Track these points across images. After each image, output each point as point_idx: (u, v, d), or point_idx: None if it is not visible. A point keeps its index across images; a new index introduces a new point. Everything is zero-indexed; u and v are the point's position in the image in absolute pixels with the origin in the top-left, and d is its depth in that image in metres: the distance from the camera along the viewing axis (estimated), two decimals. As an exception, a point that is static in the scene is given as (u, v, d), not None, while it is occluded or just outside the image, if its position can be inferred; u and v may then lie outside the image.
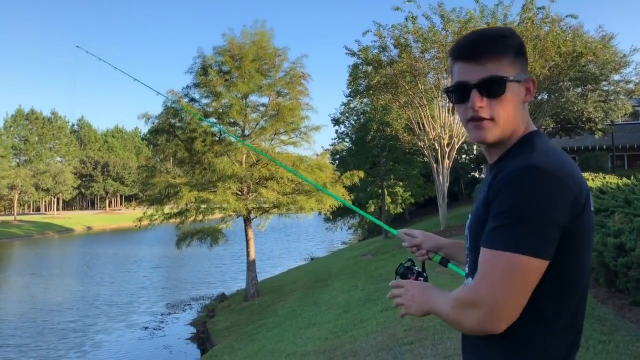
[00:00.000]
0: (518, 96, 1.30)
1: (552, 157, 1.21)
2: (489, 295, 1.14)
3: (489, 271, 1.15)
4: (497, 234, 1.15)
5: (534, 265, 1.12)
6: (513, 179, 1.16)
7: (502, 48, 1.29)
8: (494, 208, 1.17)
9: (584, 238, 1.22)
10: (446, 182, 18.63)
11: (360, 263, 16.65)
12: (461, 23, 16.75)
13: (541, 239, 1.12)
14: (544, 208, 1.12)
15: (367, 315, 8.43)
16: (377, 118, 21.97)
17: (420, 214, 35.80)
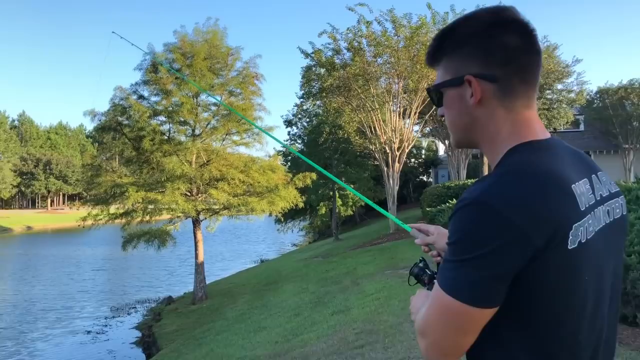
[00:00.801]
0: (458, 101, 1.15)
1: (517, 184, 1.01)
2: (431, 331, 1.07)
3: (432, 307, 1.07)
4: (442, 267, 1.06)
5: (468, 312, 0.99)
6: (458, 213, 1.02)
7: (436, 51, 1.19)
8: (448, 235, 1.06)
9: (553, 282, 1.01)
10: (396, 185, 18.85)
11: (311, 265, 16.61)
12: (412, 29, 16.99)
13: (477, 286, 0.98)
14: (481, 251, 0.96)
15: (318, 319, 8.38)
16: (330, 121, 22.04)
17: (370, 216, 36.11)
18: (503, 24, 1.10)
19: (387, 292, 8.78)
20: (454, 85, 1.15)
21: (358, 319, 7.40)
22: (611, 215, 1.14)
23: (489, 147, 1.16)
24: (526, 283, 1.00)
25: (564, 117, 24.95)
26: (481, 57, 1.10)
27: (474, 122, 1.15)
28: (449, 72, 1.16)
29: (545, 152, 1.09)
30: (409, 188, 36.10)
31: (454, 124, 1.20)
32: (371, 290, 9.31)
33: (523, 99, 1.12)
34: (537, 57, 1.12)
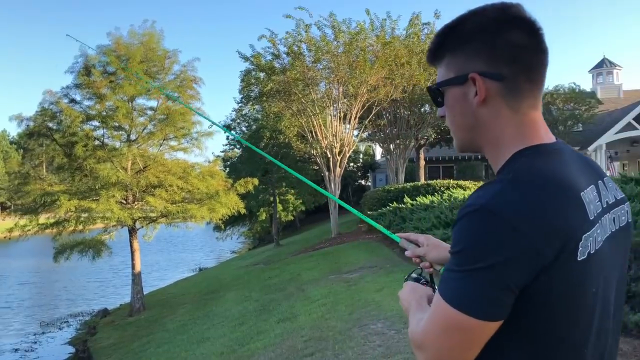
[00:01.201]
0: (461, 100, 1.09)
1: (525, 191, 0.96)
2: (433, 345, 1.00)
3: (433, 319, 1.00)
4: (445, 277, 0.99)
5: (473, 325, 0.94)
6: (463, 220, 0.97)
7: (438, 49, 1.13)
8: (451, 244, 1.00)
9: (561, 295, 0.96)
10: (338, 189, 18.93)
11: (253, 273, 16.37)
12: (352, 34, 17.14)
13: (483, 298, 0.93)
14: (488, 262, 0.91)
15: (264, 327, 8.22)
16: (270, 125, 21.88)
17: (311, 221, 36.18)
18: (510, 20, 1.05)
19: (333, 298, 8.72)
20: (457, 83, 1.09)
21: (305, 326, 7.30)
22: (617, 223, 1.10)
23: (492, 150, 1.10)
24: (533, 296, 0.94)
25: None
26: (487, 54, 1.05)
27: (478, 123, 1.09)
28: (451, 69, 1.10)
29: (554, 157, 1.04)
30: (348, 192, 36.35)
31: (456, 124, 1.14)
32: (317, 296, 9.23)
33: (529, 99, 1.07)
34: (543, 56, 1.07)
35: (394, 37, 17.90)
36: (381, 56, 16.99)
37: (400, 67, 17.57)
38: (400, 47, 17.56)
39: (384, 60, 17.00)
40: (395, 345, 5.45)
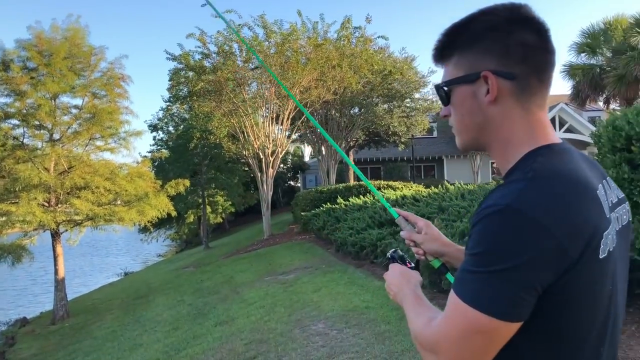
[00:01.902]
0: (470, 99, 1.09)
1: (547, 189, 0.96)
2: (448, 347, 0.98)
3: (452, 321, 0.98)
4: (464, 279, 0.98)
5: (496, 326, 0.93)
6: (485, 220, 0.95)
7: (446, 47, 1.13)
8: (469, 245, 0.99)
9: (582, 294, 0.97)
10: (270, 190, 18.84)
11: (183, 276, 15.99)
12: (283, 35, 17.12)
13: (507, 299, 0.92)
14: (514, 262, 0.91)
15: (201, 331, 8.04)
16: (199, 125, 21.47)
17: (240, 222, 35.80)
18: (521, 20, 1.06)
19: (270, 300, 8.67)
20: (467, 81, 1.09)
21: (245, 329, 7.21)
22: (620, 222, 1.11)
23: (501, 149, 1.10)
24: (555, 295, 0.94)
25: (420, 124, 26.63)
26: (499, 53, 1.05)
27: (487, 122, 1.09)
28: (461, 68, 1.10)
29: (567, 157, 1.06)
30: (279, 193, 36.32)
31: (463, 123, 1.14)
32: (254, 299, 9.14)
33: (538, 98, 1.09)
34: (552, 56, 1.09)
35: (326, 40, 18.04)
36: (313, 58, 17.09)
37: (332, 69, 17.73)
38: (332, 50, 17.73)
39: (316, 62, 17.10)
40: (339, 346, 5.49)
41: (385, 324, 5.97)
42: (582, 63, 18.39)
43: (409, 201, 10.87)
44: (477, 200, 8.46)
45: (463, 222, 7.18)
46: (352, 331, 5.92)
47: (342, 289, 8.18)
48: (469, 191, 9.60)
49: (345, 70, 18.09)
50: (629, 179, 4.23)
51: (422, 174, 35.22)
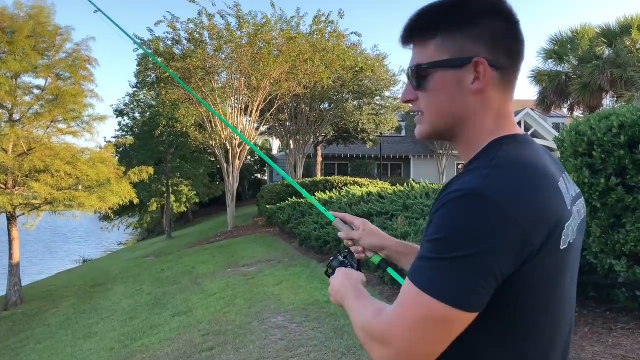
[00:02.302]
0: (453, 85, 1.03)
1: (512, 177, 0.94)
2: (403, 339, 0.92)
3: (406, 310, 0.93)
4: (421, 267, 0.93)
5: (453, 316, 0.89)
6: (449, 205, 0.91)
7: (427, 26, 1.05)
8: (429, 231, 0.94)
9: (542, 285, 0.96)
10: (236, 182, 18.70)
11: (143, 265, 15.74)
12: (256, 26, 16.98)
13: (467, 287, 0.88)
14: (476, 249, 0.87)
15: (158, 321, 7.92)
16: (166, 113, 21.13)
17: (204, 213, 35.49)
18: (505, 10, 1.04)
19: (231, 292, 8.60)
20: (455, 65, 1.02)
21: (203, 320, 7.13)
22: (579, 216, 1.10)
23: (469, 139, 1.06)
24: (513, 285, 0.92)
25: (389, 122, 26.80)
26: (490, 41, 1.02)
27: (464, 110, 1.04)
28: (446, 51, 1.03)
29: (530, 147, 1.04)
30: (245, 186, 36.09)
31: (438, 110, 1.06)
32: (214, 290, 9.06)
33: (512, 90, 1.07)
34: (524, 49, 1.08)
35: (299, 33, 17.95)
36: (285, 50, 16.99)
37: (304, 63, 17.67)
38: (305, 44, 17.66)
39: (288, 54, 17.01)
40: (298, 339, 5.47)
41: (345, 318, 5.97)
42: (549, 70, 18.75)
43: (374, 198, 10.92)
44: (441, 200, 8.55)
45: (427, 220, 7.23)
46: (312, 325, 5.91)
47: (304, 283, 8.17)
48: (434, 190, 9.69)
49: (317, 65, 18.05)
50: (589, 183, 4.32)
51: (389, 172, 35.48)
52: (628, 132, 4.20)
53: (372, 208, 9.55)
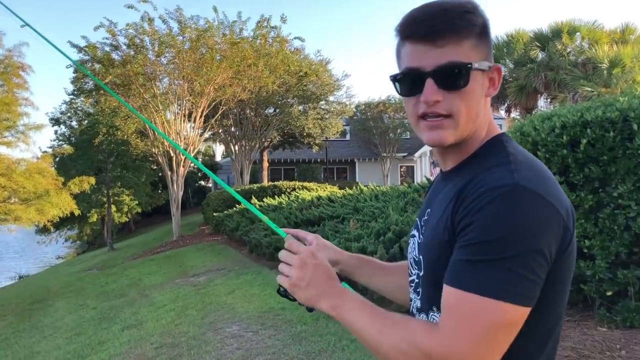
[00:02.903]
0: (482, 88, 1.04)
1: (536, 171, 0.95)
2: (471, 354, 0.88)
3: (472, 321, 0.88)
4: (475, 272, 0.89)
5: (519, 315, 0.88)
6: (496, 201, 0.88)
7: (465, 26, 1.01)
8: (468, 235, 0.90)
9: (569, 269, 0.98)
10: (181, 190, 18.31)
11: (86, 279, 15.16)
12: (199, 31, 16.73)
13: (530, 282, 0.88)
14: (535, 243, 0.87)
15: (107, 336, 7.64)
16: (105, 121, 20.46)
17: (147, 223, 34.58)
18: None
19: (182, 302, 8.40)
20: (486, 69, 1.04)
21: (154, 333, 6.92)
22: None
23: (472, 141, 1.07)
24: (557, 274, 0.94)
25: (334, 126, 26.99)
26: (490, 50, 1.08)
27: (480, 113, 1.05)
28: (478, 53, 1.03)
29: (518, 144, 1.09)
30: (188, 193, 35.43)
31: (469, 112, 1.03)
32: (163, 302, 8.82)
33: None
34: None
35: (242, 38, 17.81)
36: (229, 55, 16.81)
37: (248, 68, 17.54)
38: (248, 49, 17.53)
39: (232, 60, 16.84)
40: (255, 347, 5.40)
41: (302, 324, 5.94)
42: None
43: (324, 202, 10.93)
44: (390, 202, 8.64)
45: (378, 223, 7.30)
46: (268, 332, 5.84)
47: (257, 291, 8.07)
48: (383, 192, 9.80)
49: (261, 70, 17.95)
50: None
51: (335, 175, 35.72)
52: (570, 132, 4.37)
53: (323, 212, 9.56)
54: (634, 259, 4.18)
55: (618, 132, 4.08)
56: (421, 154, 32.41)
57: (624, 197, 4.10)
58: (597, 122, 4.20)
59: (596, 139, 4.17)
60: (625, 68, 15.30)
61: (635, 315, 4.17)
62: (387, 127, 32.34)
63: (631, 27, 18.05)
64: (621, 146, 4.07)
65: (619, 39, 17.15)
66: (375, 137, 32.55)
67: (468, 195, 0.94)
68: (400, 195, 8.89)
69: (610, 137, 4.09)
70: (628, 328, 4.22)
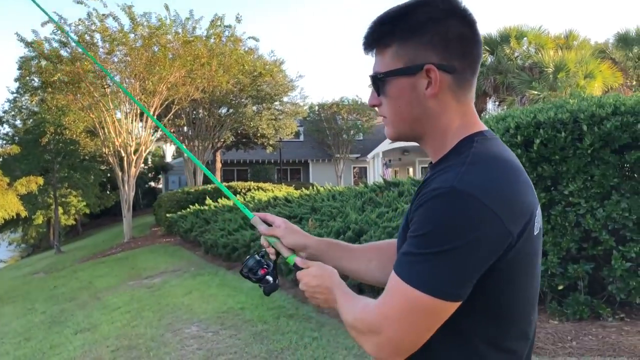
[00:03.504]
0: (409, 91, 1.08)
1: (488, 173, 0.99)
2: (391, 327, 0.99)
3: (394, 302, 1.00)
4: (407, 261, 0.99)
5: (439, 306, 0.96)
6: (430, 202, 0.97)
7: (378, 39, 1.11)
8: (411, 228, 1.00)
9: (521, 270, 1.03)
10: (132, 191, 17.90)
11: (33, 282, 14.65)
12: (151, 29, 16.42)
13: (451, 279, 0.95)
14: (459, 243, 0.93)
15: (59, 340, 7.41)
16: (52, 119, 19.77)
17: (95, 225, 33.61)
18: (457, 13, 1.08)
19: (136, 304, 8.25)
20: (408, 73, 1.08)
21: (110, 336, 6.78)
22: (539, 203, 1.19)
23: (436, 139, 1.12)
24: (497, 273, 0.99)
25: (289, 127, 26.98)
26: (441, 46, 1.06)
27: (425, 114, 1.10)
28: (400, 59, 1.08)
29: (497, 142, 1.11)
30: (139, 194, 34.65)
31: (400, 115, 1.12)
32: (118, 304, 8.63)
33: (471, 91, 1.13)
34: (481, 48, 1.14)
35: (195, 37, 17.58)
36: (182, 54, 16.57)
37: (201, 67, 17.33)
38: (202, 48, 17.33)
39: (185, 58, 16.61)
40: (216, 348, 5.37)
41: (262, 323, 5.95)
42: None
43: (281, 202, 10.94)
44: (347, 201, 8.74)
45: (337, 222, 7.37)
46: (229, 332, 5.83)
47: (215, 291, 8.02)
48: (340, 192, 9.89)
49: (214, 69, 17.78)
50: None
51: (289, 176, 35.68)
52: (524, 132, 4.56)
53: (281, 212, 9.57)
54: (583, 254, 4.39)
55: (569, 132, 4.28)
56: (374, 155, 32.79)
57: (574, 195, 4.30)
58: (549, 122, 4.39)
59: (548, 139, 4.36)
60: (570, 72, 15.96)
61: (585, 308, 4.38)
62: (341, 129, 32.55)
63: (574, 34, 18.87)
64: (572, 146, 4.28)
65: (564, 45, 17.89)
66: (329, 138, 32.71)
67: (421, 192, 1.03)
68: (357, 195, 8.99)
69: (562, 138, 4.28)
70: (578, 320, 4.43)
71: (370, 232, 6.58)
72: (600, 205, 4.22)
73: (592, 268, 4.32)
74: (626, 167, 4.30)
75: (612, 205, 4.14)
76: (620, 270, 4.12)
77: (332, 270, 1.30)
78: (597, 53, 18.48)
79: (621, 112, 4.17)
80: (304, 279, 1.31)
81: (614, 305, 4.45)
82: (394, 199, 7.70)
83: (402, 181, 8.82)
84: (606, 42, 21.46)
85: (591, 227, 4.20)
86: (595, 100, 4.54)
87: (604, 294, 4.44)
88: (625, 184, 4.22)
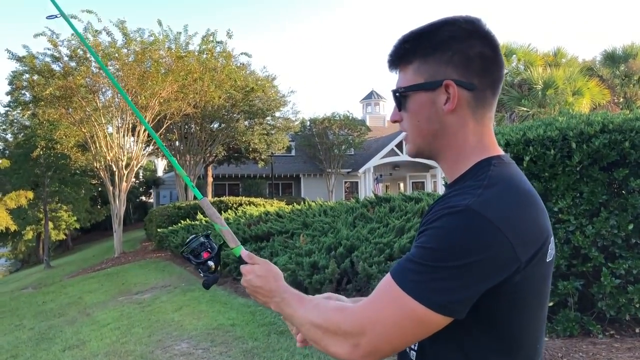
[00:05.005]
0: (428, 106, 1.10)
1: (504, 197, 1.00)
2: (375, 330, 0.99)
3: (386, 308, 0.99)
4: (408, 268, 0.99)
5: (430, 317, 0.96)
6: (445, 218, 0.98)
7: (402, 55, 1.14)
8: (420, 239, 1.01)
9: (528, 295, 1.03)
10: (123, 205, 17.82)
11: (21, 298, 14.48)
12: (144, 44, 16.47)
13: (449, 293, 0.95)
14: (466, 262, 0.94)
15: (47, 358, 7.32)
16: (44, 134, 19.70)
17: (85, 240, 33.42)
18: (480, 34, 1.10)
19: (126, 321, 8.18)
20: (428, 89, 1.10)
21: (99, 353, 6.70)
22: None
23: (452, 157, 1.13)
24: (502, 297, 0.99)
25: (280, 142, 27.02)
26: (462, 64, 1.08)
27: (443, 130, 1.11)
28: (421, 75, 1.11)
29: (515, 167, 1.11)
30: (129, 209, 34.49)
31: (419, 130, 1.14)
32: (107, 320, 8.55)
33: (490, 111, 1.13)
34: (503, 71, 1.14)
35: (188, 52, 17.65)
36: (175, 69, 16.61)
37: (194, 82, 17.37)
38: (194, 63, 17.39)
39: (177, 73, 16.65)
40: (206, 365, 5.33)
41: (253, 340, 5.92)
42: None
43: (272, 217, 10.92)
44: (339, 217, 8.75)
45: (328, 237, 7.37)
46: (219, 349, 5.78)
47: (205, 307, 7.96)
48: (331, 208, 9.90)
49: (207, 84, 17.82)
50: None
51: (280, 191, 35.66)
52: (513, 149, 4.60)
53: (272, 227, 9.56)
54: (573, 270, 4.40)
55: (558, 150, 4.32)
56: (365, 170, 32.88)
57: (563, 211, 4.33)
58: (538, 140, 4.43)
59: (538, 156, 4.40)
60: (558, 89, 16.14)
61: (575, 325, 4.39)
62: (332, 143, 32.66)
63: (562, 52, 19.11)
64: (561, 163, 4.31)
65: (552, 62, 18.10)
66: (320, 152, 32.78)
67: (436, 208, 1.03)
68: (348, 211, 9.01)
69: (551, 155, 4.32)
70: (568, 337, 4.43)
71: (361, 248, 6.58)
72: (589, 222, 4.25)
73: (582, 285, 4.34)
74: (614, 184, 4.34)
75: (601, 222, 4.17)
76: (609, 287, 4.15)
77: (277, 273, 1.28)
78: (585, 70, 18.73)
79: (609, 130, 4.22)
80: (247, 275, 1.30)
81: (604, 322, 4.46)
82: (385, 214, 7.72)
83: (393, 197, 8.86)
84: (594, 59, 21.78)
85: (581, 244, 4.23)
86: (583, 118, 4.59)
87: (594, 311, 4.46)
88: (614, 201, 4.26)
